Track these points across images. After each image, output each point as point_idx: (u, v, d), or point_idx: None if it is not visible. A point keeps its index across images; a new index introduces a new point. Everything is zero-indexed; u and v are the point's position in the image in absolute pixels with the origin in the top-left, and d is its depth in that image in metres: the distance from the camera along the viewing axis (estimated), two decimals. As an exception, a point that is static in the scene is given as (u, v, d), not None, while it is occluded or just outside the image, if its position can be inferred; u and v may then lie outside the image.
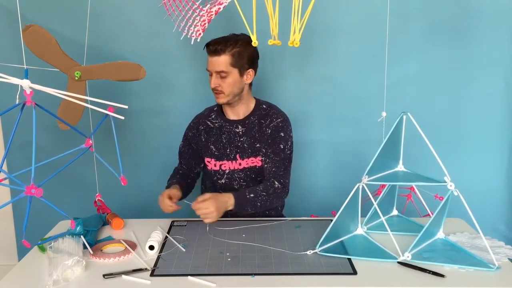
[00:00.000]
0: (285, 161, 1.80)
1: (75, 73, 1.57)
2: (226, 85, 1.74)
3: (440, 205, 1.42)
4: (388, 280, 1.29)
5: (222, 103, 1.79)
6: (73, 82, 1.59)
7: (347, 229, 1.54)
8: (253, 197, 1.68)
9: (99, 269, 1.36)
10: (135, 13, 2.17)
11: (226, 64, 1.71)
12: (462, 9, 2.18)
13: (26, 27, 1.49)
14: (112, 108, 1.34)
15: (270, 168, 1.79)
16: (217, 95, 1.77)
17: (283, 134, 1.81)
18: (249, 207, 1.68)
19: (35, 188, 1.17)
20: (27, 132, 1.34)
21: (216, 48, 1.70)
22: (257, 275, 1.31)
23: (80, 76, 1.58)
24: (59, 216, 1.60)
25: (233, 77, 1.74)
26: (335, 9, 2.17)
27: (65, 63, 1.57)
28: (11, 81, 1.19)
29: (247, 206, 1.67)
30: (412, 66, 2.23)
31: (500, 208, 2.40)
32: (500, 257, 1.39)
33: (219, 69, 1.72)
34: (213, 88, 1.76)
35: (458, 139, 2.31)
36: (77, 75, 1.57)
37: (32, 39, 1.50)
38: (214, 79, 1.74)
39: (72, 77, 1.58)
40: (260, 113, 1.85)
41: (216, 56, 1.71)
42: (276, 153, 1.79)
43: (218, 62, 1.71)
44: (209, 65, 1.74)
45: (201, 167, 1.94)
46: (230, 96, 1.77)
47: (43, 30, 1.51)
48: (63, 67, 1.57)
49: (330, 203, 1.94)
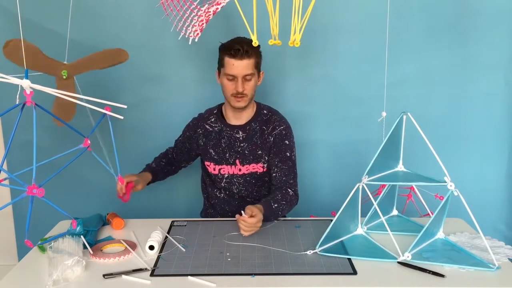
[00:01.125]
0: (293, 168, 1.82)
1: (62, 73, 1.58)
2: (249, 88, 1.73)
3: (440, 205, 1.42)
4: (388, 280, 1.29)
5: (243, 107, 1.77)
6: (62, 82, 1.60)
7: (347, 229, 1.54)
8: (277, 207, 1.68)
9: (99, 269, 1.36)
10: (133, 12, 2.17)
11: (252, 66, 1.71)
12: (462, 9, 2.18)
13: (6, 43, 1.49)
14: (109, 107, 1.33)
15: (280, 177, 1.79)
16: (240, 99, 1.74)
17: (287, 141, 1.82)
18: (273, 217, 1.68)
19: (36, 188, 1.17)
20: (27, 132, 1.35)
21: (246, 50, 1.66)
22: (257, 275, 1.31)
23: (68, 74, 1.59)
24: (59, 216, 1.60)
25: (255, 79, 1.75)
26: (335, 9, 2.17)
27: (50, 66, 1.59)
28: (11, 81, 1.19)
29: (271, 216, 1.67)
30: (412, 66, 2.23)
31: (500, 208, 2.40)
32: (500, 257, 1.39)
33: (248, 72, 1.70)
34: (238, 92, 1.72)
35: (458, 139, 2.31)
36: (64, 74, 1.58)
37: (15, 53, 1.48)
38: (241, 84, 1.70)
39: (60, 77, 1.58)
40: (262, 119, 1.84)
41: (245, 59, 1.68)
42: (283, 161, 1.80)
43: (246, 65, 1.69)
44: (234, 69, 1.69)
45: (188, 165, 2.02)
46: (250, 99, 1.77)
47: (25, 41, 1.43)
48: (49, 70, 1.59)
49: (330, 203, 1.95)
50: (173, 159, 1.98)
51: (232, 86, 1.72)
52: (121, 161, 1.46)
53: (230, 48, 1.68)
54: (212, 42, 1.83)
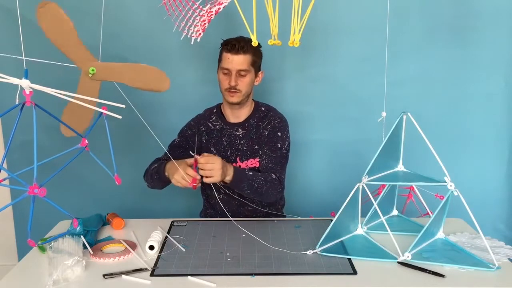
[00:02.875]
0: (281, 159, 1.81)
1: (90, 69, 1.31)
2: (243, 84, 1.75)
3: (440, 205, 1.42)
4: (388, 280, 1.29)
5: (235, 102, 1.78)
6: (86, 80, 1.35)
7: (347, 229, 1.54)
8: (251, 175, 1.67)
9: (99, 269, 1.36)
10: (135, 13, 2.17)
11: (248, 62, 1.73)
12: (462, 9, 2.18)
13: (42, 3, 1.28)
14: (105, 106, 1.32)
15: (266, 164, 1.79)
16: (233, 94, 1.76)
17: (280, 134, 1.82)
18: (246, 185, 1.65)
19: (38, 188, 1.16)
20: (27, 132, 1.34)
21: (241, 46, 1.70)
22: (257, 275, 1.31)
23: (95, 74, 1.33)
24: (58, 216, 1.61)
25: (250, 76, 1.77)
26: (335, 9, 2.17)
27: (80, 55, 1.32)
28: (10, 81, 1.19)
29: (244, 182, 1.65)
30: (412, 66, 2.23)
31: (500, 208, 2.40)
32: (500, 257, 1.39)
33: (242, 67, 1.73)
34: (231, 86, 1.74)
35: (458, 139, 2.31)
36: (92, 71, 1.32)
37: (47, 18, 1.28)
38: (234, 78, 1.73)
39: (86, 73, 1.33)
40: (259, 116, 1.86)
41: (241, 54, 1.71)
42: (273, 150, 1.80)
43: (241, 60, 1.72)
44: (229, 63, 1.73)
45: None
46: (244, 96, 1.78)
47: (61, 10, 1.30)
48: (77, 58, 1.32)
49: (330, 203, 1.94)
50: None
51: (227, 80, 1.75)
52: (120, 161, 1.46)
53: (228, 43, 1.73)
54: (213, 42, 1.83)
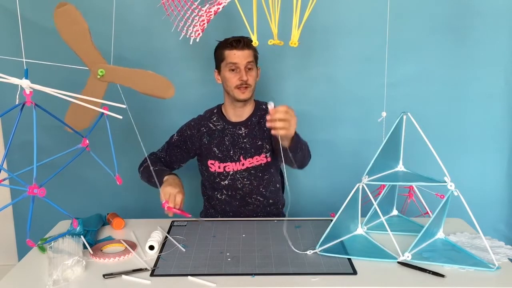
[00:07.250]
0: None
1: (99, 71, 1.39)
2: (252, 78, 1.78)
3: (440, 205, 1.42)
4: (388, 280, 1.29)
5: (246, 98, 1.79)
6: (94, 81, 1.42)
7: (347, 229, 1.54)
8: (301, 140, 1.70)
9: (99, 269, 1.36)
10: (134, 12, 2.17)
11: (252, 57, 1.77)
12: (462, 9, 2.18)
13: (60, 4, 1.33)
14: (106, 107, 1.33)
15: None
16: (244, 90, 1.77)
17: None
18: (299, 147, 1.66)
19: (37, 188, 1.16)
20: (27, 132, 1.34)
21: (245, 41, 1.73)
22: (257, 275, 1.31)
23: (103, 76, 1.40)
24: (58, 216, 1.61)
25: (255, 71, 1.80)
26: (335, 9, 2.17)
27: (92, 56, 1.39)
28: (10, 81, 1.19)
29: (299, 143, 1.66)
30: (412, 66, 2.23)
31: (500, 208, 2.39)
32: (500, 257, 1.39)
33: (250, 59, 1.75)
34: (243, 81, 1.75)
35: (458, 139, 2.31)
36: (101, 73, 1.39)
37: (64, 19, 1.33)
38: (244, 72, 1.75)
39: (95, 74, 1.40)
40: (260, 114, 1.87)
41: (245, 49, 1.74)
42: None
43: (247, 54, 1.75)
44: (237, 57, 1.74)
45: (179, 167, 1.94)
46: (253, 90, 1.80)
47: (78, 12, 1.35)
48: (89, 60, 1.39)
49: (330, 203, 1.94)
50: (166, 162, 1.91)
51: (236, 77, 1.75)
52: (121, 161, 1.46)
53: (231, 41, 1.75)
54: (212, 42, 1.83)
